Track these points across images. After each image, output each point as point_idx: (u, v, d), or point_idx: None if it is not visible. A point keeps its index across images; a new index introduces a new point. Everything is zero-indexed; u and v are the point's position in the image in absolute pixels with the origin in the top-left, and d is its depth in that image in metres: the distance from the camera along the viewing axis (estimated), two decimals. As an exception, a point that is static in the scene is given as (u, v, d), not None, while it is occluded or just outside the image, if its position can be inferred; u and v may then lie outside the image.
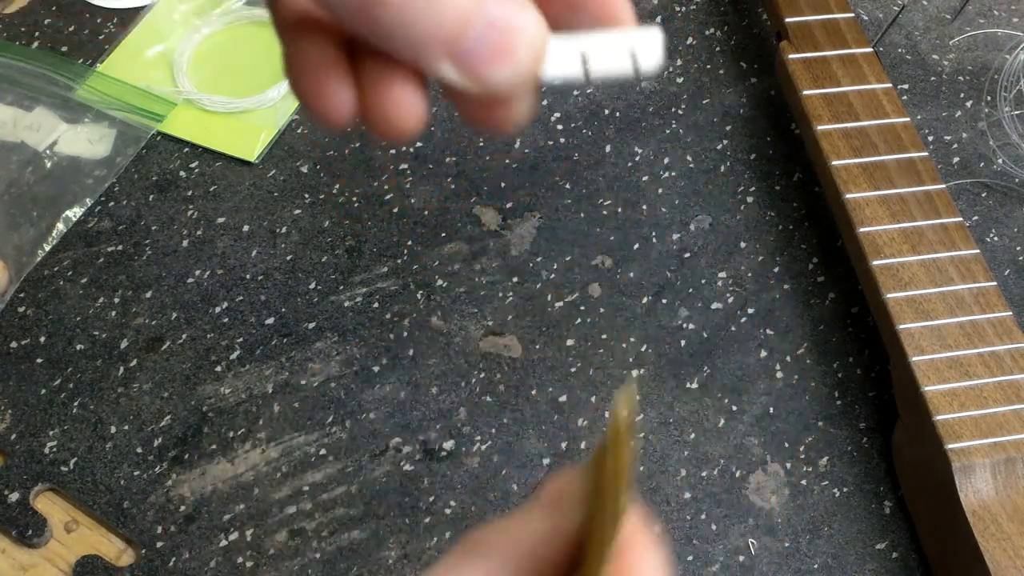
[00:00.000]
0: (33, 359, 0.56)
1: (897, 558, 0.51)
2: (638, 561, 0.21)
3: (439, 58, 0.20)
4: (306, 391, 0.55)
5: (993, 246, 0.61)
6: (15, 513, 0.51)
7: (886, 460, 0.54)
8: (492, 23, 0.20)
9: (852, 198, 0.54)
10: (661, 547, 0.22)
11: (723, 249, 0.61)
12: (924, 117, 0.66)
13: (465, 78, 0.21)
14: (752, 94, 0.67)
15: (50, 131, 0.64)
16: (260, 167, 0.63)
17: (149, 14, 0.70)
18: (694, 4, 0.71)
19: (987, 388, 0.49)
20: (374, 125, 0.23)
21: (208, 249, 0.60)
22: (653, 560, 0.21)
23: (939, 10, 0.71)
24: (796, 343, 0.58)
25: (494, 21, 0.20)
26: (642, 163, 0.64)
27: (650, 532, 0.22)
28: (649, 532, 0.22)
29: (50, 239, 0.60)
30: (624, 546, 0.21)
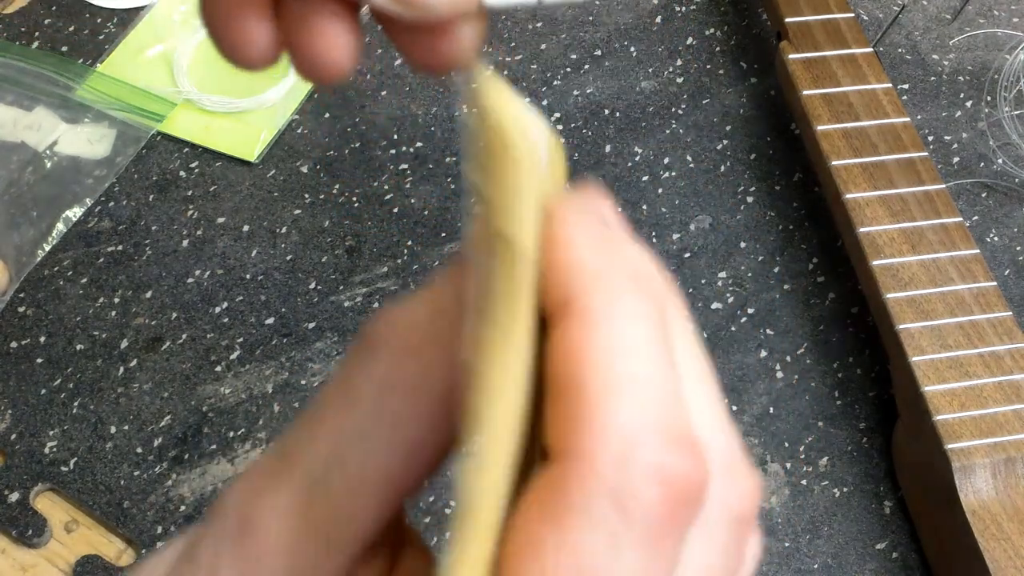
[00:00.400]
0: (33, 359, 0.56)
1: (897, 558, 0.51)
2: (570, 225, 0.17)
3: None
4: (306, 391, 0.55)
5: (993, 246, 0.61)
6: (15, 513, 0.51)
7: (886, 460, 0.54)
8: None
9: (852, 198, 0.54)
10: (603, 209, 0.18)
11: (723, 249, 0.61)
12: (924, 117, 0.66)
13: (397, 2, 0.19)
14: (752, 94, 0.67)
15: (50, 131, 0.64)
16: (260, 167, 0.63)
17: (149, 14, 0.70)
18: (694, 4, 0.71)
19: (987, 388, 0.49)
20: (301, 65, 0.21)
21: (208, 249, 0.60)
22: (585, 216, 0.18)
23: (939, 10, 0.71)
24: (796, 343, 0.58)
25: None
26: (642, 163, 0.64)
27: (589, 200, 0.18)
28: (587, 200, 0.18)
29: (50, 239, 0.60)
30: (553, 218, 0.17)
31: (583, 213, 0.17)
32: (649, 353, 0.16)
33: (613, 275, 0.16)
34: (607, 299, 0.16)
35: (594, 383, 0.15)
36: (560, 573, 0.15)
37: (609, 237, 0.17)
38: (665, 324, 0.17)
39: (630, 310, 0.16)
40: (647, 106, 0.66)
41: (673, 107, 0.66)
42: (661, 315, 0.16)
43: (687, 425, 0.16)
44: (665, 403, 0.16)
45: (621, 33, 0.70)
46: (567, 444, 0.15)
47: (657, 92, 0.67)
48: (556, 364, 0.16)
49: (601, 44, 0.69)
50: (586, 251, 0.17)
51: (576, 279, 0.16)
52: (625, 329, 0.16)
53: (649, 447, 0.15)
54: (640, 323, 0.16)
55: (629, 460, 0.15)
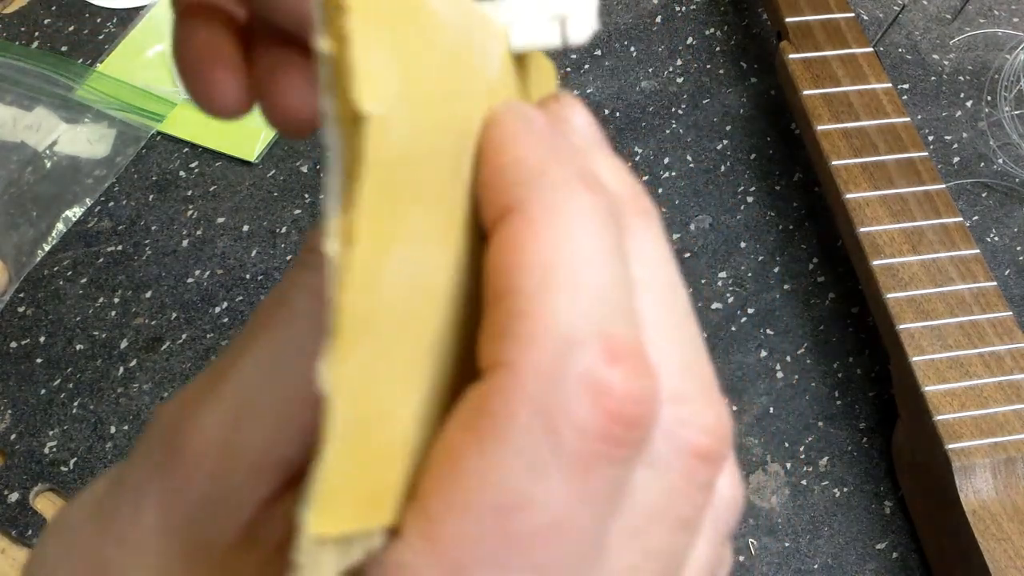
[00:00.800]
0: (33, 359, 0.56)
1: (897, 558, 0.51)
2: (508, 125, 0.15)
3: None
4: (306, 391, 0.55)
5: (993, 246, 0.61)
6: (15, 513, 0.51)
7: (886, 460, 0.54)
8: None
9: (852, 198, 0.54)
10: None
11: (723, 249, 0.61)
12: (924, 117, 0.66)
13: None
14: (752, 94, 0.67)
15: (50, 131, 0.64)
16: (260, 167, 0.63)
17: (149, 14, 0.70)
18: (694, 4, 0.71)
19: (987, 388, 0.49)
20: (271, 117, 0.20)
21: (208, 249, 0.60)
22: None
23: (939, 10, 0.71)
24: (796, 343, 0.58)
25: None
26: (642, 163, 0.64)
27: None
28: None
29: (50, 239, 0.60)
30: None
31: (529, 116, 0.15)
32: (594, 255, 0.14)
33: (560, 174, 0.14)
34: (551, 197, 0.14)
35: (528, 287, 0.13)
36: (475, 499, 0.13)
37: (566, 139, 0.15)
38: (621, 229, 0.15)
39: (578, 211, 0.14)
40: (647, 106, 0.66)
41: (673, 107, 0.66)
42: (616, 218, 0.15)
43: (635, 338, 0.14)
44: (608, 311, 0.14)
45: (621, 33, 0.70)
46: (496, 354, 0.14)
47: (657, 92, 0.67)
48: (491, 270, 0.14)
49: (601, 44, 0.69)
50: (528, 150, 0.15)
51: (517, 181, 0.14)
52: (569, 230, 0.14)
53: (585, 357, 0.13)
54: (587, 225, 0.14)
55: (559, 370, 0.13)
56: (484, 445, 0.13)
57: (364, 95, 0.12)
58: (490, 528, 0.13)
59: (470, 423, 0.14)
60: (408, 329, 0.14)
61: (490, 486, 0.13)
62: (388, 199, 0.13)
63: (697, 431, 0.15)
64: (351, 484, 0.13)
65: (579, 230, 0.14)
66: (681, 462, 0.15)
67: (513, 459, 0.13)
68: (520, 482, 0.13)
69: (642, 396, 0.14)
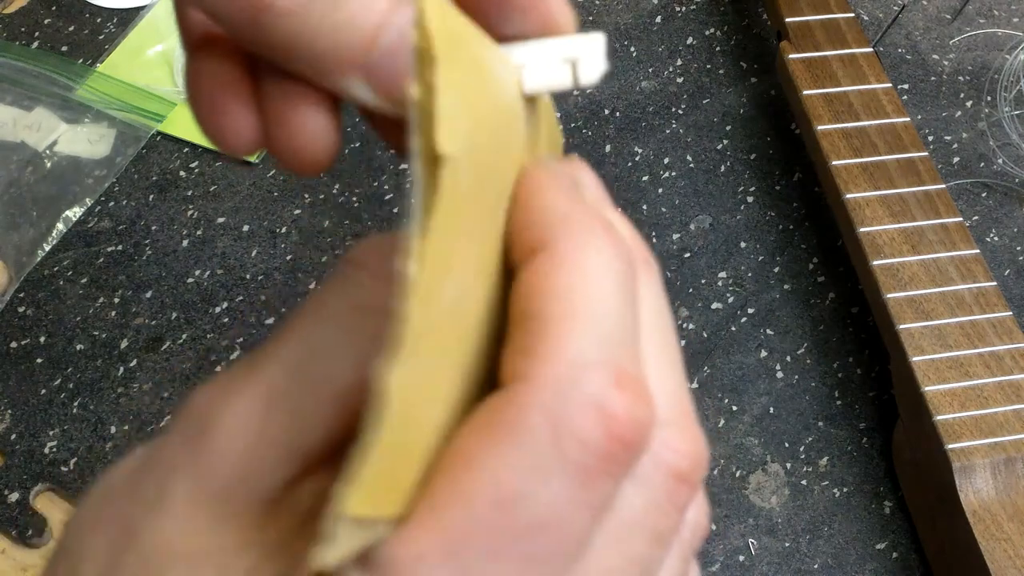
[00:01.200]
0: (33, 359, 0.56)
1: (897, 558, 0.51)
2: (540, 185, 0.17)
3: (345, 73, 0.17)
4: (306, 391, 0.55)
5: (993, 246, 0.61)
6: (15, 513, 0.51)
7: (886, 460, 0.54)
8: (409, 29, 0.17)
9: (852, 198, 0.54)
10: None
11: (723, 249, 0.61)
12: (924, 117, 0.66)
13: (378, 96, 0.18)
14: (752, 94, 0.67)
15: (50, 131, 0.64)
16: (260, 167, 0.63)
17: (149, 14, 0.70)
18: (694, 4, 0.71)
19: (987, 388, 0.49)
20: (281, 155, 0.20)
21: (208, 249, 0.60)
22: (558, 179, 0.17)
23: (939, 10, 0.71)
24: (796, 343, 0.58)
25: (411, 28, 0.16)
26: (642, 163, 0.64)
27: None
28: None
29: (50, 239, 0.60)
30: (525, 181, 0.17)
31: (558, 173, 0.17)
32: (611, 294, 0.16)
33: (585, 220, 0.16)
34: (577, 239, 0.16)
35: (551, 313, 0.15)
36: (480, 491, 0.15)
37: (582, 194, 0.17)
38: (633, 275, 0.17)
39: (598, 252, 0.16)
40: (647, 106, 0.66)
41: (673, 107, 0.66)
42: (630, 266, 0.16)
43: (638, 369, 0.16)
44: (619, 343, 0.16)
45: (621, 33, 0.70)
46: (516, 369, 0.15)
47: (657, 92, 0.67)
48: (519, 297, 0.16)
49: (601, 44, 0.69)
50: (559, 199, 0.16)
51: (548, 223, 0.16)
52: (590, 267, 0.16)
53: (595, 381, 0.15)
54: (606, 265, 0.16)
55: (572, 389, 0.15)
56: (495, 445, 0.15)
57: (444, 138, 0.14)
58: (489, 517, 0.15)
59: (485, 426, 0.15)
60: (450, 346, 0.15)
61: (495, 480, 0.15)
62: (451, 230, 0.15)
63: (679, 455, 0.17)
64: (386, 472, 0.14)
65: (600, 269, 0.16)
66: (663, 480, 0.17)
67: (519, 460, 0.15)
68: (523, 480, 0.15)
69: (640, 422, 0.15)
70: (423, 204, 0.14)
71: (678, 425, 0.18)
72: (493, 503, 0.15)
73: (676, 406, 0.18)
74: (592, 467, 0.15)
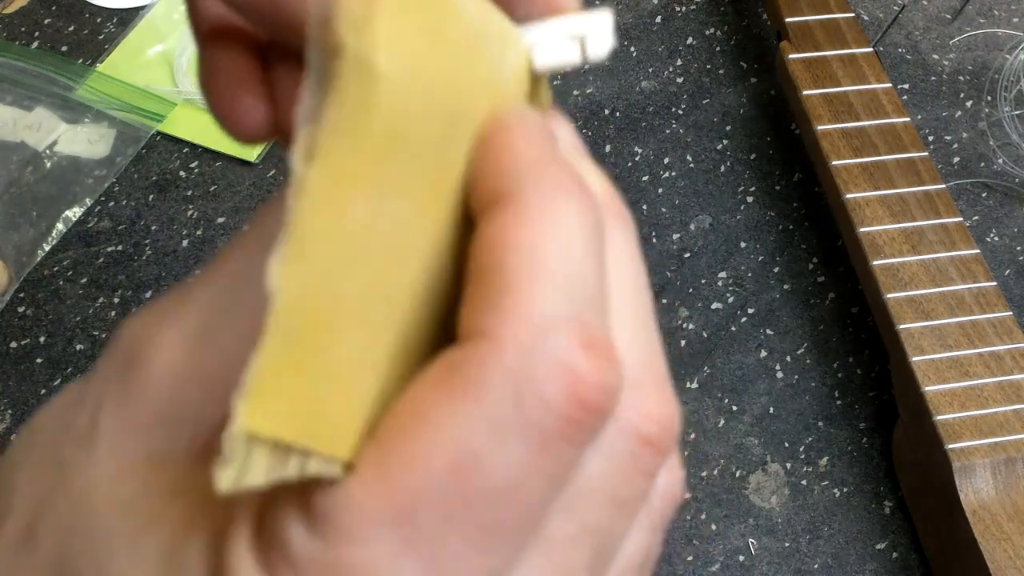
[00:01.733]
0: (33, 359, 0.56)
1: (897, 558, 0.51)
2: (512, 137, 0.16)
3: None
4: (306, 391, 0.55)
5: (993, 246, 0.61)
6: (15, 513, 0.51)
7: (886, 460, 0.54)
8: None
9: (852, 198, 0.54)
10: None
11: (723, 249, 0.61)
12: (924, 117, 0.66)
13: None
14: (752, 94, 0.67)
15: (50, 131, 0.64)
16: (260, 167, 0.63)
17: (149, 14, 0.70)
18: (694, 4, 0.71)
19: (987, 388, 0.49)
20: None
21: (208, 249, 0.60)
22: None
23: (939, 10, 0.71)
24: (796, 343, 0.58)
25: None
26: (642, 163, 0.64)
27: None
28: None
29: (50, 239, 0.60)
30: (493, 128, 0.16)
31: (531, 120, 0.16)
32: (578, 251, 0.15)
33: (555, 170, 0.15)
34: (545, 191, 0.15)
35: (516, 268, 0.14)
36: (436, 451, 0.14)
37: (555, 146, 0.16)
38: (602, 232, 0.16)
39: (567, 205, 0.15)
40: (647, 106, 0.66)
41: (673, 107, 0.66)
42: (599, 222, 0.16)
43: (605, 330, 0.15)
44: (587, 301, 0.15)
45: (621, 33, 0.70)
46: (477, 324, 0.15)
47: (657, 92, 0.67)
48: (480, 248, 0.15)
49: (601, 44, 0.69)
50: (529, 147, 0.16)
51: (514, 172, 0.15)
52: (557, 223, 0.15)
53: (561, 341, 0.14)
54: (576, 220, 0.15)
55: (537, 348, 0.14)
56: (453, 403, 0.14)
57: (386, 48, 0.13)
58: (444, 480, 0.14)
59: (442, 381, 0.14)
60: (367, 269, 0.14)
61: (452, 441, 0.14)
62: (367, 141, 0.14)
63: (645, 419, 0.17)
64: (289, 389, 0.14)
65: (568, 224, 0.15)
66: (627, 445, 0.16)
67: (479, 420, 0.14)
68: (481, 443, 0.14)
69: (607, 386, 0.15)
70: (321, 92, 0.13)
71: (647, 387, 0.17)
72: (449, 465, 0.14)
73: (646, 367, 0.17)
74: (554, 431, 0.14)
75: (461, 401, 0.14)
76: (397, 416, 0.14)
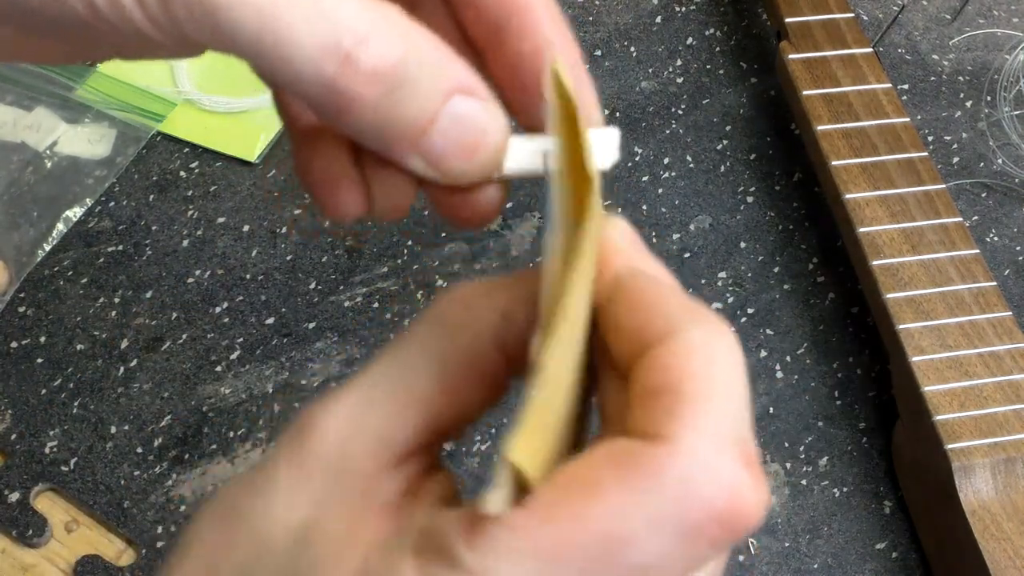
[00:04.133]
0: (33, 359, 0.56)
1: (897, 558, 0.52)
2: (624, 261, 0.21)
3: (408, 151, 0.22)
4: (306, 391, 0.55)
5: (993, 246, 0.61)
6: (15, 513, 0.51)
7: (886, 460, 0.54)
8: (457, 119, 0.22)
9: (852, 198, 0.54)
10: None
11: (723, 249, 0.61)
12: (924, 117, 0.66)
13: (431, 169, 0.23)
14: (752, 94, 0.67)
15: (50, 131, 0.64)
16: (260, 167, 0.63)
17: (149, 14, 0.70)
18: (694, 4, 0.71)
19: (987, 388, 0.49)
20: (380, 213, 0.25)
21: (208, 249, 0.60)
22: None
23: (939, 10, 0.71)
24: (796, 343, 0.58)
25: (459, 118, 0.22)
26: (642, 163, 0.64)
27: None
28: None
29: (50, 239, 0.60)
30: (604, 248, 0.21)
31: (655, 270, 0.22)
32: (738, 379, 0.19)
33: (707, 314, 0.19)
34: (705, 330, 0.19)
35: (692, 390, 0.18)
36: (597, 519, 0.17)
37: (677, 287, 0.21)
38: (741, 356, 0.19)
39: (722, 341, 0.19)
40: (647, 106, 0.66)
41: (673, 107, 0.66)
42: (738, 349, 0.19)
43: (755, 448, 0.18)
44: (744, 422, 0.18)
45: (621, 33, 0.70)
46: (656, 428, 0.18)
47: (657, 92, 0.67)
48: (653, 371, 0.19)
49: (601, 44, 0.69)
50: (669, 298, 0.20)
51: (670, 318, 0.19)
52: (720, 354, 0.19)
53: (727, 457, 0.17)
54: (731, 353, 0.19)
55: (709, 459, 0.17)
56: (623, 484, 0.17)
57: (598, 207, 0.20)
58: (595, 544, 0.17)
59: (620, 463, 0.17)
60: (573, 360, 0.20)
61: (615, 515, 0.17)
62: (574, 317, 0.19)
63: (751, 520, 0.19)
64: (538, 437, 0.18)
65: (728, 357, 0.19)
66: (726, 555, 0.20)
67: (641, 508, 0.17)
68: (640, 525, 0.17)
69: (759, 509, 0.18)
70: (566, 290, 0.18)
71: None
72: (605, 534, 0.17)
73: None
74: (707, 533, 0.17)
75: (631, 485, 0.17)
76: (571, 477, 0.17)
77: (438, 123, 0.22)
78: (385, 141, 0.22)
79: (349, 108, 0.21)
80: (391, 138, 0.22)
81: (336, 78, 0.20)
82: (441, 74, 0.22)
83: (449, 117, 0.22)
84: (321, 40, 0.20)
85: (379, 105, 0.21)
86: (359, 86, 0.20)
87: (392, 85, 0.21)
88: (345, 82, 0.20)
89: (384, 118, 0.21)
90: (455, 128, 0.22)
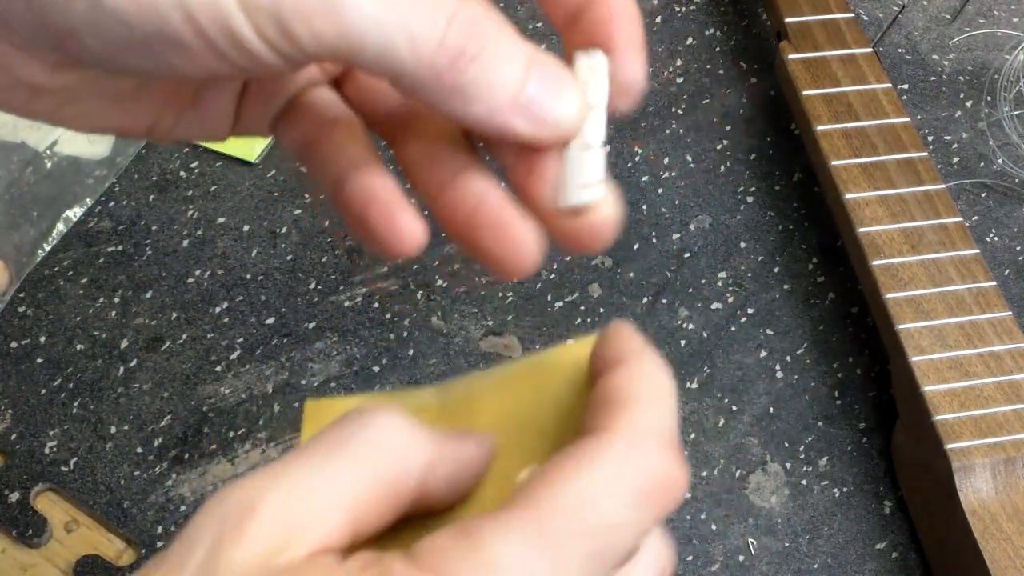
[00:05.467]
0: (33, 359, 0.56)
1: (897, 558, 0.52)
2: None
3: (511, 114, 0.24)
4: (306, 391, 0.55)
5: (993, 246, 0.61)
6: (15, 513, 0.51)
7: (886, 460, 0.54)
8: (542, 73, 0.25)
9: (852, 198, 0.54)
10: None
11: (723, 249, 0.61)
12: (924, 117, 0.66)
13: (534, 124, 0.25)
14: (752, 94, 0.67)
15: (50, 131, 0.64)
16: (260, 167, 0.63)
17: (149, 14, 0.70)
18: (694, 4, 0.71)
19: (987, 388, 0.49)
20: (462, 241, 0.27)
21: (208, 249, 0.60)
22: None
23: (939, 10, 0.71)
24: (796, 343, 0.58)
25: (543, 72, 0.25)
26: (642, 163, 0.64)
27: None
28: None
29: (50, 239, 0.60)
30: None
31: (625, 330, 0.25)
32: (669, 389, 0.24)
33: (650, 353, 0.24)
34: (645, 361, 0.24)
35: (630, 396, 0.23)
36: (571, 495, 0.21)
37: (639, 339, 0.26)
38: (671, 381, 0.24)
39: (657, 368, 0.24)
40: (647, 106, 0.66)
41: (673, 107, 0.66)
42: (669, 375, 0.24)
43: (677, 441, 0.24)
44: (671, 421, 0.23)
45: (621, 33, 0.70)
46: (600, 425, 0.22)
47: (657, 92, 0.67)
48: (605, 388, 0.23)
49: (601, 44, 0.69)
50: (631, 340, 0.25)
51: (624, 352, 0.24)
52: (657, 373, 0.24)
53: (654, 440, 0.22)
54: (662, 375, 0.24)
55: (644, 441, 0.22)
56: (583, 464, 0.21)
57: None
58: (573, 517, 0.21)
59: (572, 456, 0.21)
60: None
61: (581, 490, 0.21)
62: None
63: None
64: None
65: (659, 378, 0.24)
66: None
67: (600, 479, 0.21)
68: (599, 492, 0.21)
69: (684, 481, 0.23)
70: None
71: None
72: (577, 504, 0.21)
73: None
74: (650, 494, 0.21)
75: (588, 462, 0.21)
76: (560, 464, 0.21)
77: (528, 78, 0.24)
78: (489, 108, 0.24)
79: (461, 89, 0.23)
80: (493, 103, 0.24)
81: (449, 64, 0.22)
82: (516, 39, 0.24)
83: (536, 73, 0.24)
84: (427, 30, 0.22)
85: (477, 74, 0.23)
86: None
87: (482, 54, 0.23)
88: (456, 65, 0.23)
89: (484, 82, 0.23)
90: (543, 79, 0.25)
